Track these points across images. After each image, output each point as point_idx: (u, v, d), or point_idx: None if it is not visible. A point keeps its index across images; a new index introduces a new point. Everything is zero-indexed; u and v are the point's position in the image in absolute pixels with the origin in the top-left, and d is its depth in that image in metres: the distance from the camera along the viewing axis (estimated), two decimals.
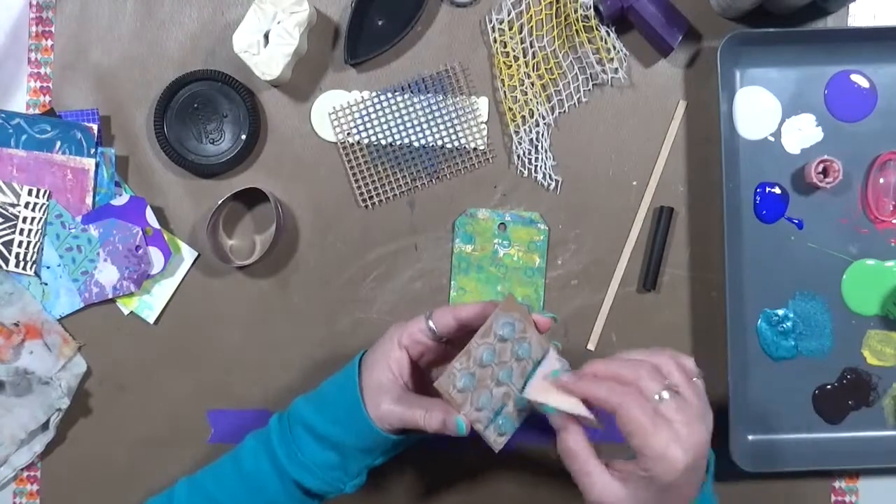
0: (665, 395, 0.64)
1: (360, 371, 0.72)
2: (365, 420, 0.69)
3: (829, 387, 0.87)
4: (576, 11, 0.85)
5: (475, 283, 0.87)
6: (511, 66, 0.87)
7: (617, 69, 0.87)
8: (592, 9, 0.85)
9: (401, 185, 0.88)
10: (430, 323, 0.70)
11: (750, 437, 0.87)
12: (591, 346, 0.88)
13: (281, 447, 0.71)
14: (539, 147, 0.87)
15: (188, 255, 0.88)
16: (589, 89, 0.88)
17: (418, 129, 0.88)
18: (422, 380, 0.74)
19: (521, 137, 0.87)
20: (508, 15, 0.87)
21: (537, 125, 0.87)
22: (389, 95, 0.88)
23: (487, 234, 0.87)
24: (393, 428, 0.70)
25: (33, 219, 0.87)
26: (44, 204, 0.87)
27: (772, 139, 0.87)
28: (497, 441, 0.69)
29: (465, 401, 0.67)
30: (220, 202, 0.86)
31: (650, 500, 0.64)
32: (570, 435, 0.66)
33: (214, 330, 0.88)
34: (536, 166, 0.88)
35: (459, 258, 0.87)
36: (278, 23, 0.84)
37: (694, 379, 0.67)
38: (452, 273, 0.87)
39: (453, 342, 0.73)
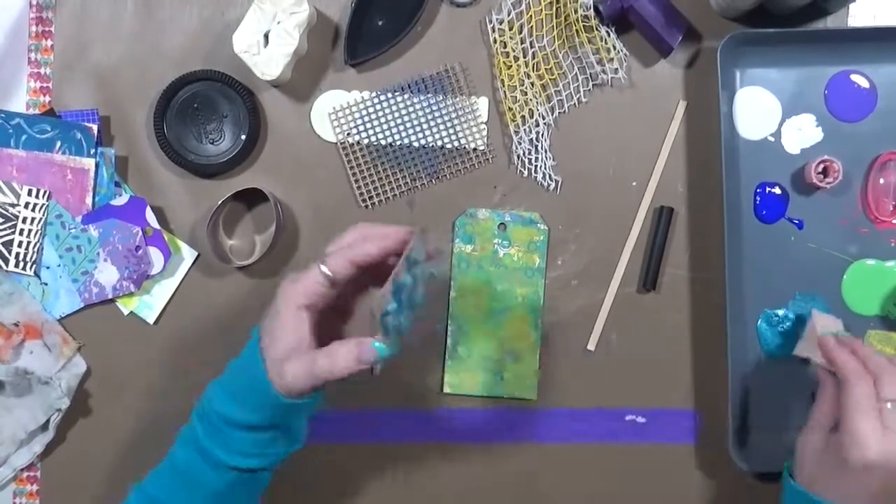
0: (890, 405, 0.69)
1: (261, 341, 0.68)
2: (276, 398, 0.66)
3: None
4: (576, 11, 0.85)
5: (475, 282, 0.87)
6: (511, 66, 0.87)
7: (617, 69, 0.87)
8: (592, 9, 0.85)
9: (401, 185, 0.88)
10: (325, 270, 0.66)
11: (750, 437, 0.87)
12: (591, 347, 0.88)
13: (213, 445, 0.69)
14: (539, 147, 0.87)
15: (188, 255, 0.88)
16: (589, 89, 0.88)
17: (418, 129, 0.88)
18: (319, 329, 0.70)
19: (521, 137, 0.87)
20: (508, 15, 0.87)
21: (537, 125, 0.87)
22: (389, 95, 0.88)
23: (487, 234, 0.87)
24: (307, 391, 0.67)
25: (33, 219, 0.87)
26: (44, 204, 0.87)
27: (772, 139, 0.87)
28: (380, 368, 0.67)
29: (385, 326, 0.66)
30: (220, 202, 0.86)
31: (826, 472, 0.71)
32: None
33: (214, 330, 0.88)
34: (536, 166, 0.88)
35: (459, 258, 0.87)
36: (278, 23, 0.84)
37: None
38: (452, 273, 0.88)
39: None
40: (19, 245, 0.87)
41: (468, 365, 0.87)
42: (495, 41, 0.87)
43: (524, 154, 0.88)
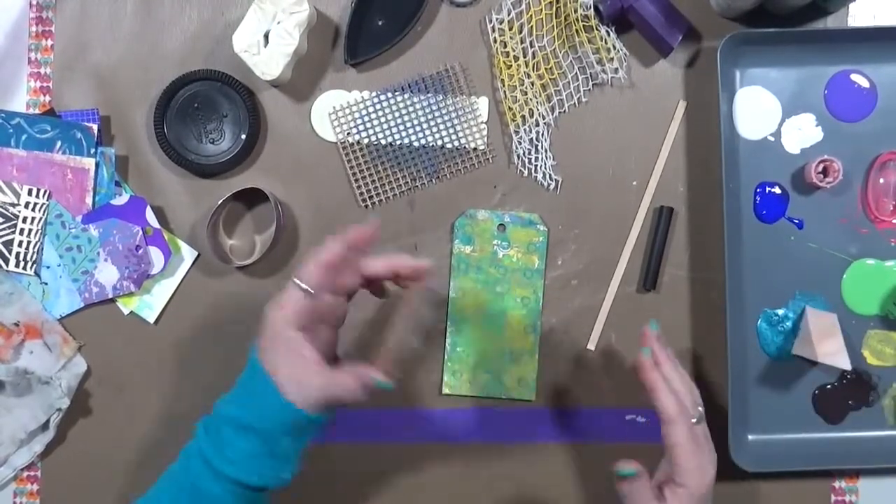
0: (697, 419, 0.73)
1: (264, 367, 0.69)
2: (286, 406, 0.67)
3: (829, 387, 0.87)
4: (576, 11, 0.85)
5: (474, 283, 0.87)
6: (511, 66, 0.87)
7: (617, 69, 0.87)
8: (592, 9, 0.85)
9: (401, 185, 0.88)
10: (299, 283, 0.67)
11: (750, 437, 0.87)
12: (591, 346, 0.88)
13: (209, 447, 0.70)
14: (539, 147, 0.87)
15: (188, 255, 0.88)
16: (589, 89, 0.88)
17: (418, 129, 0.88)
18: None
19: (521, 137, 0.87)
20: (508, 15, 0.87)
21: (537, 125, 0.87)
22: (389, 95, 0.88)
23: (487, 235, 0.87)
24: (318, 406, 0.69)
25: (33, 219, 0.87)
26: (44, 204, 0.87)
27: (772, 139, 0.87)
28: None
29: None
30: (220, 202, 0.86)
31: None
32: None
33: (214, 330, 0.88)
34: (536, 166, 0.88)
35: (459, 259, 0.87)
36: (278, 23, 0.84)
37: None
38: (452, 274, 0.87)
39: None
40: (19, 245, 0.87)
41: (467, 366, 0.87)
42: (495, 41, 0.87)
43: (524, 154, 0.88)
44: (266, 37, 0.84)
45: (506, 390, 0.87)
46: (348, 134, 0.88)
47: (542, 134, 0.87)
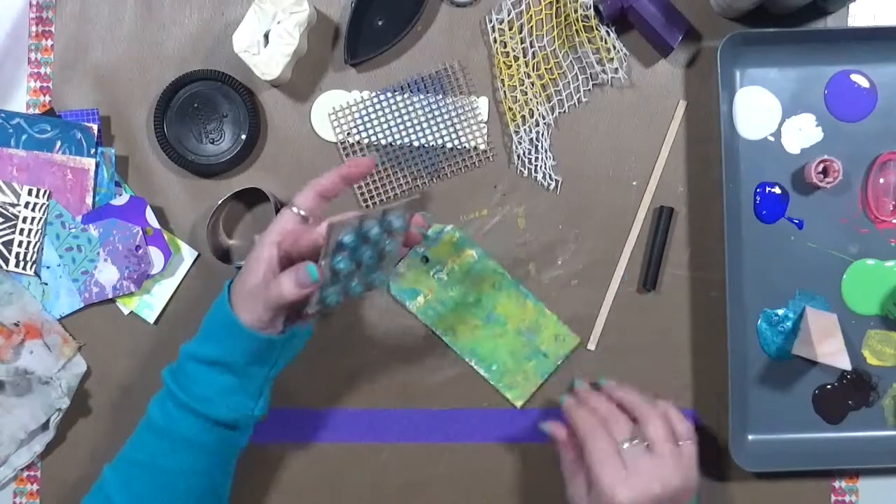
0: (626, 445, 0.74)
1: (234, 282, 0.73)
2: (240, 328, 0.70)
3: (829, 387, 0.87)
4: (576, 11, 0.85)
5: (449, 312, 0.88)
6: (511, 66, 0.87)
7: (617, 69, 0.87)
8: (592, 9, 0.85)
9: (401, 185, 0.88)
10: (295, 209, 0.71)
11: (750, 437, 0.87)
12: (591, 346, 0.88)
13: (177, 388, 0.73)
14: (539, 147, 0.87)
15: (188, 255, 0.88)
16: (589, 89, 0.88)
17: (418, 128, 0.88)
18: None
19: (521, 137, 0.87)
20: (508, 15, 0.87)
21: (537, 125, 0.87)
22: (389, 95, 0.88)
23: (422, 275, 0.87)
24: (269, 323, 0.71)
25: (33, 219, 0.87)
26: (44, 204, 0.87)
27: (772, 139, 0.87)
28: (313, 306, 0.70)
29: (332, 258, 0.69)
30: (220, 202, 0.86)
31: None
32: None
33: None
34: (536, 166, 0.88)
35: (423, 312, 0.87)
36: (278, 23, 0.84)
37: (686, 442, 0.76)
38: (431, 324, 0.88)
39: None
40: (19, 245, 0.87)
41: (510, 370, 0.88)
42: (495, 41, 0.87)
43: (524, 154, 0.88)
44: (266, 37, 0.84)
45: (554, 356, 0.87)
46: (348, 134, 0.88)
47: (542, 134, 0.87)
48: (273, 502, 0.88)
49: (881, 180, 0.87)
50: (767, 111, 0.87)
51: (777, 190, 0.87)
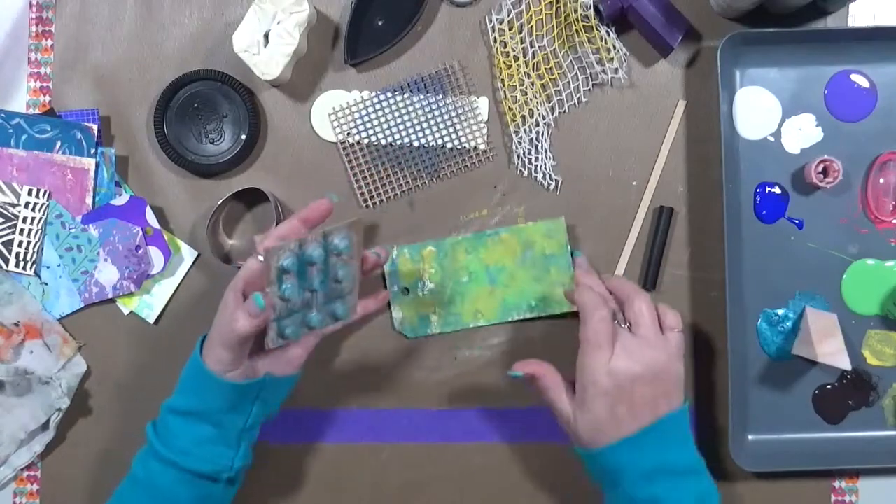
0: (617, 324, 0.74)
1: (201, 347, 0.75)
2: (208, 375, 0.72)
3: (829, 387, 0.87)
4: (576, 11, 0.85)
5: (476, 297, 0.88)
6: (511, 66, 0.87)
7: (617, 69, 0.87)
8: (592, 9, 0.85)
9: (401, 185, 0.88)
10: (260, 257, 0.72)
11: (750, 437, 0.87)
12: None
13: (158, 442, 0.74)
14: (539, 147, 0.87)
15: (188, 255, 0.88)
16: (589, 89, 0.88)
17: (418, 128, 0.88)
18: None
19: (521, 137, 0.87)
20: (508, 15, 0.87)
21: (537, 125, 0.87)
22: (389, 95, 0.88)
23: (417, 302, 0.87)
24: (232, 364, 0.72)
25: (33, 219, 0.87)
26: (44, 204, 0.87)
27: (772, 139, 0.87)
28: (272, 339, 0.72)
29: (277, 285, 0.70)
30: (220, 202, 0.86)
31: (580, 416, 0.73)
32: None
33: None
34: (536, 166, 0.88)
35: (445, 324, 0.88)
36: (278, 23, 0.84)
37: (674, 330, 0.75)
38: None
39: None
40: (19, 245, 0.87)
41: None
42: (495, 41, 0.87)
43: (524, 154, 0.88)
44: (266, 37, 0.84)
45: (559, 248, 0.86)
46: (348, 134, 0.88)
47: (542, 134, 0.87)
48: (273, 502, 0.88)
49: (881, 180, 0.87)
50: (767, 111, 0.87)
51: (777, 190, 0.87)
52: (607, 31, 0.86)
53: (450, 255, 0.87)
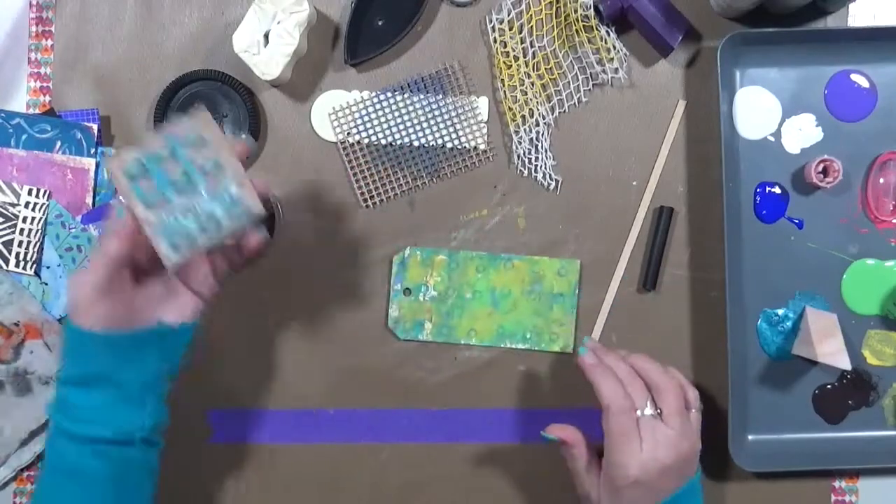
0: (648, 412, 0.74)
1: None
2: (80, 333, 0.66)
3: (829, 387, 0.87)
4: (576, 11, 0.85)
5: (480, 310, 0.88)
6: (511, 66, 0.87)
7: (617, 69, 0.87)
8: (592, 9, 0.85)
9: (401, 185, 0.88)
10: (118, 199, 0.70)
11: (750, 437, 0.87)
12: None
13: (60, 418, 0.69)
14: (539, 147, 0.87)
15: None
16: (589, 89, 0.88)
17: (418, 128, 0.88)
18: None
19: (521, 137, 0.87)
20: (508, 15, 0.87)
21: (537, 125, 0.87)
22: (389, 95, 0.88)
23: (416, 305, 0.87)
24: (114, 316, 0.67)
25: (33, 219, 0.87)
26: (44, 204, 0.87)
27: (772, 139, 0.87)
28: (167, 252, 0.65)
29: (133, 191, 0.65)
30: None
31: (605, 497, 0.75)
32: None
33: (214, 330, 0.88)
34: (536, 166, 0.88)
35: (438, 333, 0.87)
36: (278, 23, 0.84)
37: (693, 410, 0.77)
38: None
39: None
40: (19, 245, 0.87)
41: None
42: (495, 41, 0.87)
43: (524, 154, 0.88)
44: (266, 37, 0.84)
45: (568, 289, 0.87)
46: (348, 134, 0.88)
47: (542, 134, 0.87)
48: (273, 502, 0.88)
49: (881, 180, 0.87)
50: (767, 111, 0.87)
51: (777, 190, 0.87)
52: (607, 31, 0.86)
53: (460, 267, 0.87)
